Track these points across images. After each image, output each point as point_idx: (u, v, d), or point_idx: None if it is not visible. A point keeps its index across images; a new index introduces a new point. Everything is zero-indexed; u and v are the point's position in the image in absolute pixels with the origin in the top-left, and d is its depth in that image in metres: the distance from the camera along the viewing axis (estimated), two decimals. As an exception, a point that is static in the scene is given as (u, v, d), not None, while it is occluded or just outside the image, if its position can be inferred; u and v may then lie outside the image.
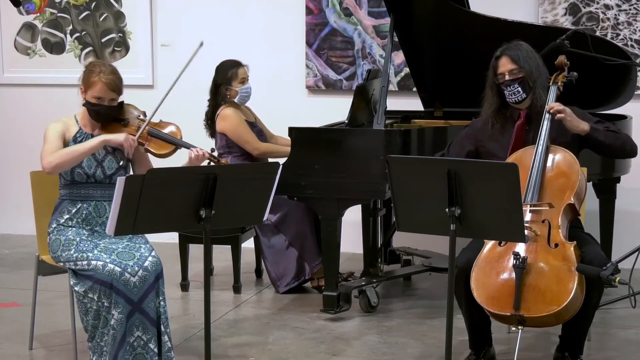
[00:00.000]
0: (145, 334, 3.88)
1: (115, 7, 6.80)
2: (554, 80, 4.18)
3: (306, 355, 4.39)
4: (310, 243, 5.35)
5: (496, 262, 3.81)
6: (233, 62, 5.47)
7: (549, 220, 3.82)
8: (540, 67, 4.13)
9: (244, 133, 5.38)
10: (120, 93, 4.15)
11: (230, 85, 5.42)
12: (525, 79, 4.08)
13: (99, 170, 4.11)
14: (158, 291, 3.93)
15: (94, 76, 4.09)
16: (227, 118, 5.39)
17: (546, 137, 3.99)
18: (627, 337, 4.62)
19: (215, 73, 5.48)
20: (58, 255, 4.06)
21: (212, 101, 5.49)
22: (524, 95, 4.10)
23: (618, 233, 5.36)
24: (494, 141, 4.20)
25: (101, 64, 4.25)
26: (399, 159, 3.69)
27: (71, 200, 4.12)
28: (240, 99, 5.46)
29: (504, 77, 4.11)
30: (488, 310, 3.76)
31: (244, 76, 5.45)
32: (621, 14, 5.91)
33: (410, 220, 3.55)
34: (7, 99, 7.08)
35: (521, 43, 4.17)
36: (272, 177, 3.59)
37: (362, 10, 6.37)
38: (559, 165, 3.98)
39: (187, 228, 4.31)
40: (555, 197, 3.88)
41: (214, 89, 5.47)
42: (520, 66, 4.08)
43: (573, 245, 3.76)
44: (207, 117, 5.52)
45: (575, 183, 3.91)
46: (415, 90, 5.83)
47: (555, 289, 3.66)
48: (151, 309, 3.89)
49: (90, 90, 4.10)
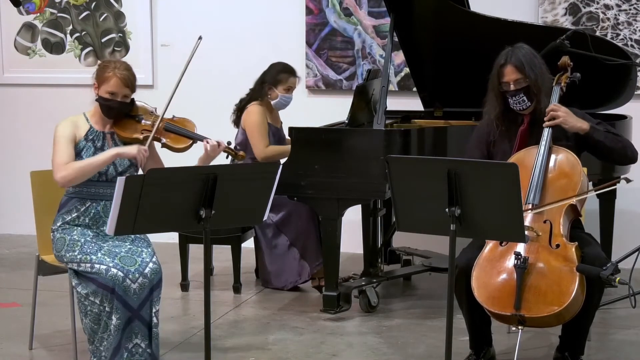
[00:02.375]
0: (143, 341, 3.89)
1: (115, 7, 6.81)
2: (557, 81, 4.17)
3: (306, 355, 4.39)
4: (313, 243, 5.34)
5: (497, 262, 3.81)
6: (288, 68, 5.49)
7: (550, 221, 3.81)
8: (544, 73, 4.10)
9: (258, 133, 5.37)
10: (133, 90, 4.15)
11: (276, 88, 5.44)
12: (530, 88, 4.05)
13: (110, 167, 4.10)
14: (154, 300, 3.92)
15: (109, 71, 4.08)
16: (251, 114, 5.41)
17: (549, 137, 3.99)
18: (627, 337, 4.62)
19: (267, 69, 5.50)
20: (62, 255, 4.05)
21: (253, 93, 5.51)
22: (528, 103, 4.08)
23: (618, 233, 5.36)
24: (499, 145, 4.19)
25: (116, 60, 4.27)
26: (399, 159, 3.69)
27: (80, 199, 4.10)
28: (277, 104, 5.48)
29: (509, 87, 4.07)
30: (489, 310, 3.75)
31: (292, 85, 5.48)
32: (621, 14, 5.91)
33: (410, 220, 3.55)
34: (7, 99, 7.08)
35: (523, 47, 4.12)
36: (272, 177, 3.59)
37: (362, 10, 6.37)
38: (561, 166, 3.97)
39: (187, 228, 4.30)
40: (557, 197, 3.88)
41: (260, 83, 5.49)
42: (526, 75, 4.04)
43: (574, 246, 3.76)
44: (241, 104, 5.53)
45: (577, 184, 3.90)
46: (415, 90, 5.83)
47: (557, 290, 3.66)
48: (147, 315, 3.90)
49: (104, 85, 4.08)
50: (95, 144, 4.12)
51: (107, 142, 4.16)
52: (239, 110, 5.52)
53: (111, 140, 4.17)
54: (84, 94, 6.09)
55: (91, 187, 4.09)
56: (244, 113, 5.45)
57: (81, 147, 4.09)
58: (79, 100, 4.24)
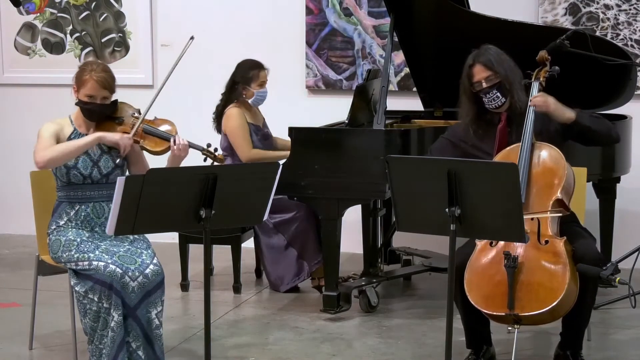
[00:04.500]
0: (135, 341, 3.87)
1: (115, 7, 6.80)
2: (535, 76, 4.16)
3: (306, 355, 4.39)
4: (312, 242, 5.34)
5: (488, 263, 3.81)
6: (255, 63, 5.48)
7: (537, 218, 3.81)
8: (513, 68, 4.13)
9: (239, 137, 5.36)
10: (112, 91, 4.13)
11: (249, 86, 5.43)
12: (502, 83, 4.08)
13: (95, 170, 4.10)
14: (157, 301, 3.91)
15: (86, 74, 4.08)
16: (230, 118, 5.39)
17: (531, 133, 3.98)
18: (627, 337, 4.62)
19: (236, 70, 5.49)
20: (59, 256, 4.05)
21: (226, 96, 5.49)
22: (503, 99, 4.10)
23: (618, 233, 5.36)
24: (477, 148, 4.20)
25: (93, 62, 4.25)
26: (399, 159, 3.69)
27: (69, 203, 4.11)
28: (254, 101, 5.48)
29: (481, 85, 4.11)
30: (483, 311, 3.76)
31: (264, 79, 5.47)
32: (621, 14, 5.91)
33: (410, 220, 3.55)
34: (7, 99, 7.08)
35: (489, 47, 4.16)
36: (272, 177, 3.58)
37: (362, 10, 6.37)
38: (544, 162, 3.97)
39: (187, 228, 4.31)
40: (542, 193, 3.88)
41: (231, 85, 5.47)
42: (495, 71, 4.08)
43: (563, 241, 3.76)
44: (218, 110, 5.52)
45: (562, 178, 3.90)
46: (415, 90, 5.83)
47: (548, 286, 3.67)
48: (144, 317, 3.87)
49: (82, 88, 4.09)
50: None
51: None
52: (218, 116, 5.51)
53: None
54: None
55: (77, 190, 4.09)
56: (224, 118, 5.42)
57: None
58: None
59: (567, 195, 3.93)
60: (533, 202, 3.88)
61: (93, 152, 4.11)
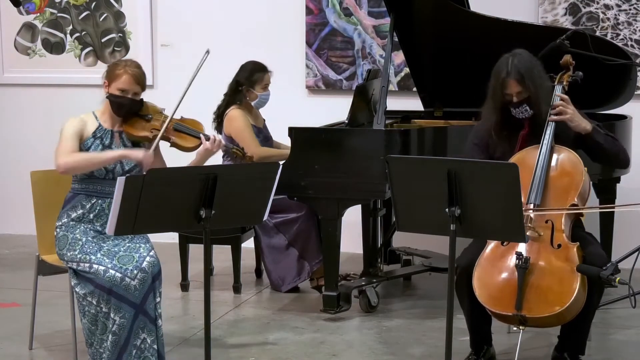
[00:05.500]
0: (149, 335, 3.91)
1: (115, 7, 6.81)
2: (559, 80, 4.16)
3: (306, 355, 4.39)
4: (313, 242, 5.34)
5: (499, 262, 3.81)
6: (260, 66, 5.47)
7: (552, 221, 3.81)
8: (543, 80, 4.10)
9: (247, 136, 5.35)
10: (143, 88, 4.17)
11: (253, 89, 5.43)
12: (531, 98, 4.05)
13: (118, 165, 4.11)
14: (155, 292, 3.94)
15: (120, 69, 4.11)
16: (234, 120, 5.38)
17: (551, 136, 3.98)
18: (627, 337, 4.62)
19: (239, 72, 5.48)
20: (63, 253, 4.06)
21: (229, 97, 5.47)
22: (531, 112, 4.08)
23: (618, 233, 5.36)
24: (499, 148, 4.18)
25: (127, 59, 4.30)
26: (399, 159, 3.69)
27: (86, 195, 4.11)
28: (258, 104, 5.48)
29: (512, 99, 4.07)
30: (490, 310, 3.76)
31: (267, 82, 5.46)
32: (621, 14, 5.91)
33: (410, 220, 3.55)
34: (7, 99, 7.08)
35: (522, 55, 4.08)
36: (272, 177, 3.59)
37: (362, 10, 6.37)
38: (563, 165, 3.97)
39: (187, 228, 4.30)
40: (558, 197, 3.88)
41: (234, 86, 5.46)
42: (527, 87, 4.04)
43: (576, 246, 3.76)
44: (219, 110, 5.50)
45: (579, 183, 3.90)
46: (415, 90, 5.83)
47: (558, 290, 3.66)
48: (151, 309, 3.91)
49: (115, 82, 4.10)
50: (103, 142, 4.14)
51: (115, 140, 4.16)
52: (219, 117, 5.50)
53: (119, 139, 4.18)
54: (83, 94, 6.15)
55: (97, 184, 4.10)
56: (225, 119, 5.41)
57: (89, 145, 4.10)
58: (79, 100, 4.25)
59: (582, 200, 3.92)
60: (549, 205, 3.87)
61: (118, 148, 4.12)
